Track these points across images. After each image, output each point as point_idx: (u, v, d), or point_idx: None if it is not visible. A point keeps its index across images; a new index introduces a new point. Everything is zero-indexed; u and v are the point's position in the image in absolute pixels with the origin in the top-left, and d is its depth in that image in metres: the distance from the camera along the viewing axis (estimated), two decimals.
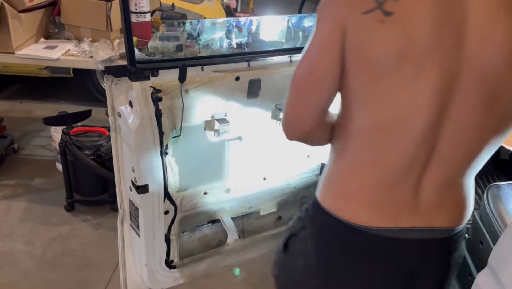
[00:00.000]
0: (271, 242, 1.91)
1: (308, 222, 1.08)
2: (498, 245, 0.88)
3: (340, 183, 1.01)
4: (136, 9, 2.40)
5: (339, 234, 0.99)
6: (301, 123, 1.00)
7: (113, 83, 1.40)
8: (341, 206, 0.99)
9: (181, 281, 1.75)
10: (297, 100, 0.98)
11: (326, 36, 0.89)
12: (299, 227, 1.10)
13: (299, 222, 1.11)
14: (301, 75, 0.94)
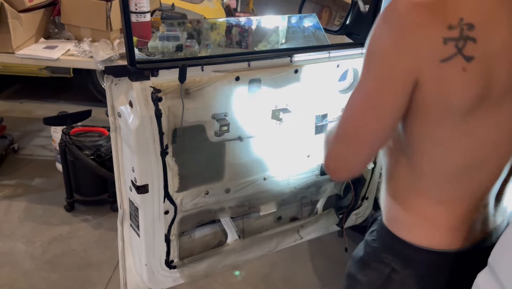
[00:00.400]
0: (271, 242, 1.91)
1: (399, 264, 1.05)
2: (498, 245, 0.88)
3: (429, 219, 1.00)
4: (136, 9, 2.41)
5: (443, 267, 1.01)
6: (353, 167, 0.97)
7: (113, 83, 1.40)
8: (436, 239, 1.00)
9: (181, 281, 1.75)
10: (351, 146, 0.93)
11: (391, 87, 0.84)
12: (388, 272, 1.06)
13: (385, 268, 1.06)
14: (357, 128, 0.90)
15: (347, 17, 1.92)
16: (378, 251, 1.08)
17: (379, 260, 1.07)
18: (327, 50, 1.68)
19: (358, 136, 0.90)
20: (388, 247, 1.06)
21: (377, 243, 1.09)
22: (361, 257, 1.13)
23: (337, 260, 2.53)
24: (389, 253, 1.05)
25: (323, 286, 2.40)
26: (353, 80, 1.79)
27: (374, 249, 1.10)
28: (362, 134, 0.89)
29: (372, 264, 1.09)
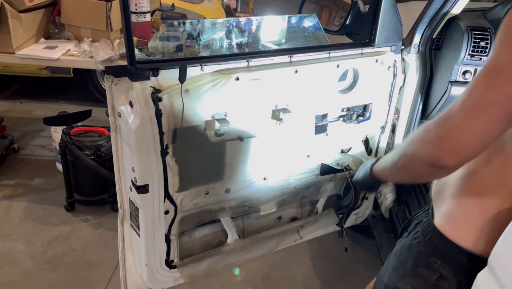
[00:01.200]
0: (271, 242, 1.91)
1: (449, 271, 0.99)
2: (498, 245, 0.88)
3: (497, 226, 0.93)
4: (136, 9, 2.41)
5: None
6: (464, 148, 0.84)
7: (113, 83, 1.40)
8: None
9: (181, 281, 1.75)
10: (471, 119, 0.83)
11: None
12: (435, 279, 1.00)
13: (432, 274, 1.00)
14: (482, 99, 0.81)
15: (347, 17, 1.93)
16: (424, 255, 1.02)
17: (426, 265, 1.01)
18: (327, 50, 1.68)
19: (483, 109, 0.81)
20: (438, 251, 0.99)
21: (423, 246, 1.03)
22: (402, 262, 1.07)
23: (337, 260, 2.54)
24: (438, 258, 0.99)
25: (323, 286, 2.40)
26: (352, 80, 1.80)
27: (420, 252, 1.03)
28: (488, 108, 0.80)
29: (418, 270, 1.02)
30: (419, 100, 1.98)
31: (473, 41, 1.85)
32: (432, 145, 0.86)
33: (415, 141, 0.92)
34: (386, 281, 1.12)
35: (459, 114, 0.82)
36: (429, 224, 1.04)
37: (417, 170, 0.95)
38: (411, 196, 2.23)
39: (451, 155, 0.84)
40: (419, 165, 0.92)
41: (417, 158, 0.92)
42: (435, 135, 0.86)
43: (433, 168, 0.88)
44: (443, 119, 0.85)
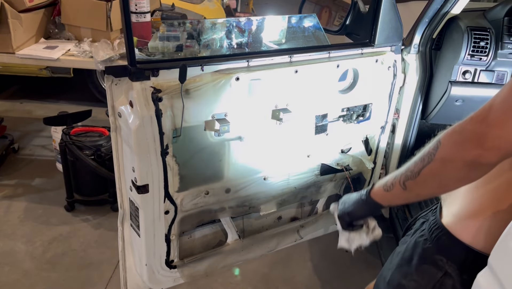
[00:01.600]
0: (271, 242, 1.91)
1: (454, 269, 0.99)
2: (498, 245, 0.88)
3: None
4: (136, 9, 2.41)
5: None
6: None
7: (113, 83, 1.40)
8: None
9: (181, 281, 1.75)
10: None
11: None
12: (440, 276, 0.99)
13: (437, 271, 1.00)
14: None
15: (347, 17, 1.93)
16: (430, 252, 1.01)
17: (431, 262, 1.00)
18: (327, 50, 1.68)
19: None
20: (444, 249, 0.99)
21: (429, 244, 1.02)
22: (407, 259, 1.06)
23: (337, 260, 2.54)
24: (443, 255, 0.99)
25: (323, 286, 2.40)
26: (352, 80, 1.80)
27: (426, 250, 1.02)
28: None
29: (422, 267, 1.02)
30: (419, 100, 1.98)
31: (473, 41, 1.85)
32: (472, 143, 0.84)
33: (447, 143, 0.89)
34: (389, 278, 1.11)
35: (501, 110, 0.81)
36: (437, 222, 1.04)
37: (451, 174, 0.91)
38: None
39: (494, 152, 0.83)
40: (456, 168, 0.89)
41: (453, 160, 0.88)
42: (476, 133, 0.84)
43: (473, 168, 0.86)
44: (483, 116, 0.83)
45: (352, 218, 1.25)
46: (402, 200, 1.10)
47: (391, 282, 1.10)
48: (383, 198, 1.12)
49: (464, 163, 0.86)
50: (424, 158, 0.93)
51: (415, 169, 0.96)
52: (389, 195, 1.09)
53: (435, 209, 1.11)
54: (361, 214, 1.22)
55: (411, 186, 0.99)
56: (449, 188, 0.97)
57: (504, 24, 1.87)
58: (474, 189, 0.99)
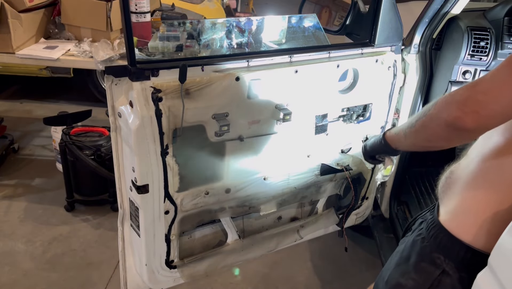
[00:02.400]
0: (271, 242, 1.91)
1: (452, 267, 0.99)
2: (498, 245, 0.88)
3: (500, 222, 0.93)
4: (136, 9, 2.41)
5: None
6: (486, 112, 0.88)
7: (113, 83, 1.40)
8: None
9: (181, 281, 1.75)
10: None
11: None
12: (438, 274, 1.00)
13: (435, 269, 1.01)
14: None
15: (347, 17, 1.93)
16: (428, 251, 1.02)
17: (429, 260, 1.01)
18: (327, 50, 1.68)
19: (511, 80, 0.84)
20: (442, 247, 1.00)
21: (427, 242, 1.03)
22: (405, 258, 1.07)
23: (337, 260, 2.54)
24: (441, 253, 1.00)
25: (323, 286, 2.40)
26: (352, 80, 1.80)
27: (423, 248, 1.03)
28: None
29: (420, 265, 1.03)
30: (419, 100, 1.98)
31: (473, 41, 1.85)
32: (456, 104, 0.90)
33: (440, 102, 0.97)
34: (387, 277, 1.12)
35: (489, 81, 0.87)
36: (434, 221, 1.05)
37: (434, 130, 0.99)
38: (411, 196, 2.24)
39: (472, 116, 0.87)
40: (438, 125, 0.96)
41: (438, 117, 0.96)
42: (461, 97, 0.90)
43: (452, 129, 0.92)
44: (473, 84, 0.90)
45: (372, 152, 1.48)
46: (403, 146, 1.27)
47: (389, 281, 1.11)
48: (391, 140, 1.31)
49: (445, 122, 0.93)
50: (423, 111, 1.04)
51: (414, 120, 1.09)
52: (395, 139, 1.29)
53: (433, 208, 1.12)
54: (377, 150, 1.44)
55: (408, 134, 1.14)
56: (434, 143, 1.06)
57: (504, 24, 1.87)
58: (469, 187, 1.00)
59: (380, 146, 1.38)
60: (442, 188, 1.11)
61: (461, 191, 1.02)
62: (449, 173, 1.10)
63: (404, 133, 1.17)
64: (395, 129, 1.30)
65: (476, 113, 0.87)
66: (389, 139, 1.32)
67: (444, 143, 1.02)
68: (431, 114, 0.99)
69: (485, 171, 0.98)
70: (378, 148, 1.41)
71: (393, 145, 1.30)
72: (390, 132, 1.33)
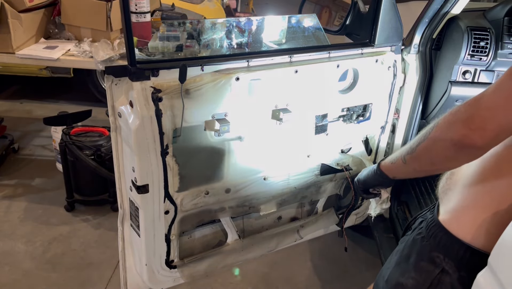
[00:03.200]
0: (271, 242, 1.91)
1: (452, 266, 0.99)
2: (498, 245, 0.88)
3: (500, 222, 0.93)
4: (136, 9, 2.41)
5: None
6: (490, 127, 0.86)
7: (113, 83, 1.40)
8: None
9: (181, 281, 1.75)
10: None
11: None
12: (437, 273, 1.00)
13: (434, 268, 1.01)
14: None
15: (347, 17, 1.93)
16: (428, 249, 1.02)
17: (428, 259, 1.01)
18: (327, 50, 1.68)
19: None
20: (441, 246, 1.00)
21: (426, 241, 1.03)
22: (405, 257, 1.07)
23: (337, 260, 2.54)
24: (440, 252, 1.00)
25: (323, 286, 2.40)
26: (352, 80, 1.80)
27: (423, 247, 1.03)
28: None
29: (420, 264, 1.03)
30: (419, 100, 1.98)
31: (473, 41, 1.85)
32: (461, 123, 0.88)
33: (441, 123, 0.94)
34: (387, 276, 1.12)
35: (493, 95, 0.85)
36: (434, 220, 1.05)
37: (441, 152, 0.95)
38: (411, 196, 2.24)
39: (480, 133, 0.85)
40: (444, 147, 0.93)
41: (442, 139, 0.93)
42: (466, 114, 0.88)
43: (460, 149, 0.89)
44: (476, 100, 0.87)
45: (365, 186, 1.39)
46: (403, 173, 1.19)
47: (389, 281, 1.11)
48: (389, 169, 1.23)
49: (451, 142, 0.90)
50: (422, 135, 1.00)
51: (414, 145, 1.04)
52: (393, 167, 1.21)
53: (433, 208, 1.12)
54: (372, 183, 1.35)
55: (409, 160, 1.08)
56: (440, 166, 1.02)
57: (504, 24, 1.87)
58: (469, 187, 1.00)
59: (376, 177, 1.29)
60: (442, 189, 1.11)
61: (461, 191, 1.02)
62: (449, 174, 1.09)
63: (404, 160, 1.10)
64: (390, 158, 1.22)
65: (483, 130, 0.85)
66: (385, 169, 1.24)
67: (451, 164, 0.99)
68: (434, 136, 0.95)
69: (484, 172, 0.98)
70: (374, 180, 1.32)
71: (391, 174, 1.23)
72: (385, 162, 1.25)
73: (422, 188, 2.20)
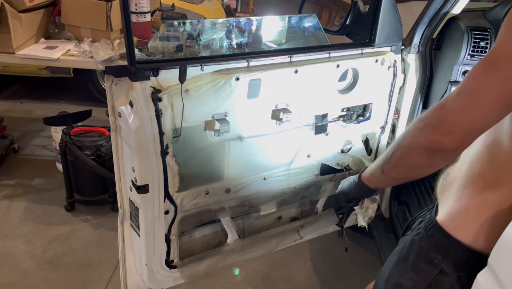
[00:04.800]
0: (271, 242, 1.91)
1: (450, 266, 0.99)
2: (498, 245, 0.88)
3: (496, 222, 0.93)
4: (136, 9, 2.41)
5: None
6: (459, 130, 0.87)
7: (113, 83, 1.40)
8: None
9: (181, 281, 1.75)
10: (468, 104, 0.85)
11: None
12: (436, 273, 1.00)
13: (433, 269, 1.00)
14: (480, 85, 0.84)
15: (347, 17, 1.93)
16: (426, 250, 1.02)
17: (426, 260, 1.01)
18: (327, 51, 1.68)
19: (479, 95, 0.84)
20: (439, 246, 1.00)
21: (425, 242, 1.03)
22: (404, 258, 1.07)
23: (337, 260, 2.54)
24: (439, 253, 1.00)
25: (323, 286, 2.40)
26: (352, 80, 1.80)
27: (421, 248, 1.03)
28: (484, 93, 0.83)
29: (418, 265, 1.03)
30: (419, 100, 1.98)
31: (473, 41, 1.85)
32: (430, 128, 0.89)
33: (412, 131, 0.95)
34: (387, 277, 1.12)
35: (457, 99, 0.86)
36: (432, 220, 1.04)
37: (415, 159, 0.96)
38: (411, 196, 2.24)
39: (449, 137, 0.87)
40: (418, 153, 0.94)
41: (415, 146, 0.94)
42: (433, 120, 0.89)
43: (433, 154, 0.91)
44: (441, 105, 0.89)
45: (348, 198, 1.38)
46: (383, 183, 1.22)
47: (389, 281, 1.11)
48: (369, 180, 1.24)
49: (423, 148, 0.91)
50: (395, 144, 1.01)
51: (389, 154, 1.05)
52: (373, 178, 1.21)
53: (432, 208, 1.12)
54: (355, 195, 1.34)
55: (387, 170, 1.09)
56: (417, 172, 1.03)
57: None
58: (464, 188, 1.01)
59: (357, 188, 1.29)
60: (440, 189, 1.11)
61: (457, 192, 1.02)
62: (445, 175, 1.10)
63: (382, 170, 1.11)
64: (369, 169, 1.22)
65: (452, 133, 0.86)
66: (366, 180, 1.25)
67: (427, 170, 1.00)
68: (406, 144, 0.96)
69: (476, 172, 0.98)
70: (356, 192, 1.32)
71: (372, 185, 1.24)
72: (365, 173, 1.25)
73: (422, 188, 2.20)
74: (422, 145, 0.91)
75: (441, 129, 0.87)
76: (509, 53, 0.81)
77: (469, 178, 0.99)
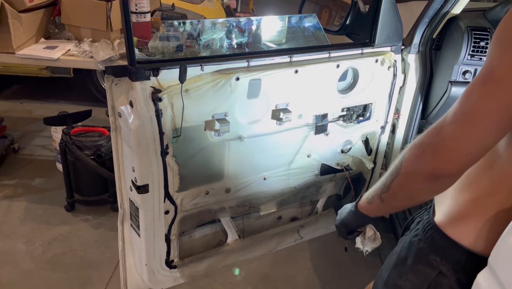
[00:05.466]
0: (271, 242, 1.91)
1: (449, 268, 0.99)
2: (498, 245, 0.88)
3: (495, 225, 0.93)
4: (136, 9, 2.41)
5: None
6: (463, 155, 0.85)
7: (113, 83, 1.40)
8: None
9: (181, 281, 1.75)
10: (469, 127, 0.83)
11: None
12: (434, 275, 0.99)
13: (431, 271, 1.00)
14: (477, 105, 0.81)
15: (347, 17, 1.93)
16: (424, 252, 1.02)
17: (425, 261, 1.01)
18: (327, 50, 1.68)
19: (479, 120, 0.81)
20: (438, 248, 0.99)
21: (423, 244, 1.03)
22: (402, 259, 1.07)
23: (337, 260, 2.54)
24: (437, 255, 0.99)
25: (323, 286, 2.40)
26: (352, 80, 1.80)
27: (420, 249, 1.03)
28: (484, 118, 0.81)
29: (417, 267, 1.02)
30: (419, 100, 1.98)
31: (473, 41, 1.85)
32: (429, 155, 0.86)
33: (408, 158, 0.92)
34: (386, 278, 1.12)
35: (453, 124, 0.84)
36: (430, 222, 1.04)
37: (415, 187, 0.93)
38: None
39: (449, 163, 0.84)
40: (418, 181, 0.91)
41: (414, 173, 0.91)
42: (431, 146, 0.86)
43: (434, 180, 0.88)
44: (437, 130, 0.86)
45: (347, 228, 1.31)
46: (382, 211, 1.18)
47: (388, 282, 1.11)
48: (367, 209, 1.18)
49: (424, 176, 0.89)
50: (393, 171, 0.97)
51: (387, 182, 1.01)
52: (371, 207, 1.16)
53: (429, 208, 1.12)
54: (354, 225, 1.29)
55: (386, 198, 1.05)
56: (419, 199, 1.00)
57: None
58: (459, 191, 1.00)
59: (356, 219, 1.25)
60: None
61: (454, 195, 1.01)
62: None
63: (380, 199, 1.07)
64: (366, 198, 1.17)
65: (451, 160, 0.84)
66: (364, 210, 1.20)
67: (428, 196, 0.98)
68: (405, 172, 0.93)
69: (473, 176, 0.97)
70: (355, 222, 1.28)
71: (371, 214, 1.19)
72: (363, 202, 1.20)
73: None
74: (422, 172, 0.88)
75: (440, 156, 0.85)
76: (509, 73, 0.77)
77: (465, 181, 0.98)
